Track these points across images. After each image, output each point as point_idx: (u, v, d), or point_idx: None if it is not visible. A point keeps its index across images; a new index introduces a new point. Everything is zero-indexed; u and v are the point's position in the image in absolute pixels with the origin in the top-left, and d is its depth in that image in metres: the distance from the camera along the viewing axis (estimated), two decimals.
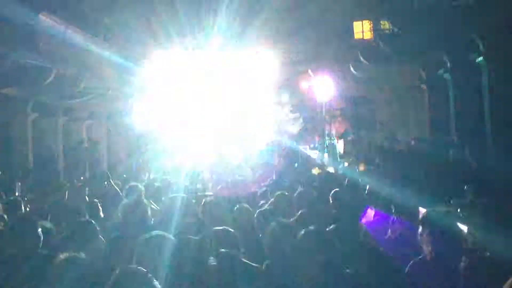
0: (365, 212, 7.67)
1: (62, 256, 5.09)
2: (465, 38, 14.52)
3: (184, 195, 8.53)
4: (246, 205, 7.72)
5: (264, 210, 7.65)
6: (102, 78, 21.19)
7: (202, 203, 8.01)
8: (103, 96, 21.84)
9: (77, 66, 18.88)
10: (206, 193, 10.85)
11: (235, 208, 7.53)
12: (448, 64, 16.12)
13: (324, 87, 21.82)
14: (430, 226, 5.15)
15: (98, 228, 6.56)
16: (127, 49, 23.52)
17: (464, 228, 5.86)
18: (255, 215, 7.36)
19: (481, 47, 13.59)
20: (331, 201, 7.74)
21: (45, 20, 16.44)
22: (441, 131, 15.79)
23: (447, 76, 16.34)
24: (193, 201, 8.93)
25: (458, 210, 8.59)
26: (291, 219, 6.80)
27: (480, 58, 13.71)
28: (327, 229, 5.83)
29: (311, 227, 5.25)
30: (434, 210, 5.84)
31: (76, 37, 18.74)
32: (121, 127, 26.29)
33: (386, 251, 5.91)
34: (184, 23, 24.59)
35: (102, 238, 6.54)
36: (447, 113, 16.43)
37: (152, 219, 7.89)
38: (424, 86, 18.84)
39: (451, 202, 9.64)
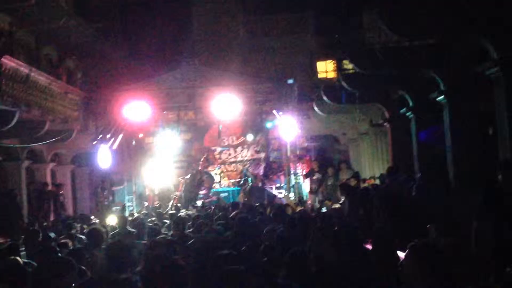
0: None
1: None
2: (426, 77, 14.77)
3: None
4: None
5: None
6: (66, 121, 21.04)
7: None
8: (67, 139, 21.61)
9: (41, 109, 18.76)
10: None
11: None
12: (410, 103, 16.38)
13: (288, 126, 21.91)
14: None
15: None
16: (92, 91, 23.49)
17: None
18: None
19: (441, 86, 13.82)
20: None
21: (8, 63, 16.37)
22: (404, 169, 15.90)
23: (409, 114, 16.58)
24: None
25: None
26: None
27: (441, 97, 13.92)
28: None
29: None
30: None
31: (40, 80, 18.66)
32: (86, 170, 26.09)
33: None
34: (151, 64, 24.70)
35: None
36: (410, 151, 16.63)
37: None
38: (387, 125, 19.07)
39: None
